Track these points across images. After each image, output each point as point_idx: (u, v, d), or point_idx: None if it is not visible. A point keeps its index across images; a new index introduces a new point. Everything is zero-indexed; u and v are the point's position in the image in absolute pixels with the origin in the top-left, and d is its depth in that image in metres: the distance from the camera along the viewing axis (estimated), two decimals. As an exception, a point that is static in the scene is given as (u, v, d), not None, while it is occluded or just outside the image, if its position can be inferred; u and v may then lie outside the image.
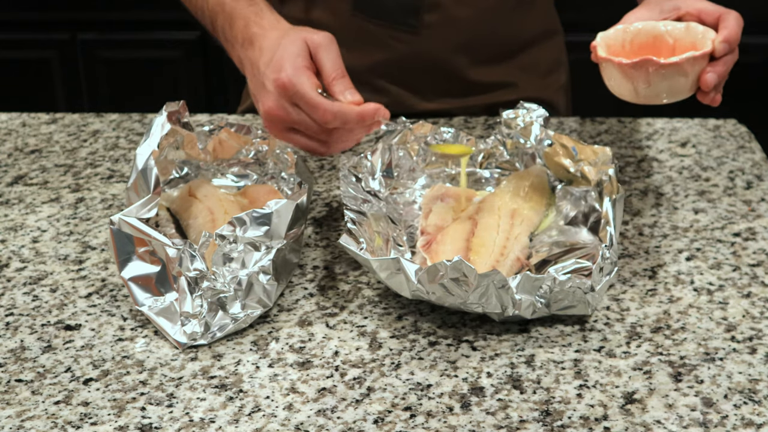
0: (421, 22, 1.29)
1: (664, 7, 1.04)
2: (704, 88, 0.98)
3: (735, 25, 0.99)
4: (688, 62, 0.96)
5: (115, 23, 2.43)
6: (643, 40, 1.02)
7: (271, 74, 1.00)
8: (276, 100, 1.00)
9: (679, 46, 1.01)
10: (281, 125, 1.02)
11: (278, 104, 1.00)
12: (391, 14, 1.29)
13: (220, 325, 0.88)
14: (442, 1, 1.28)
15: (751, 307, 0.92)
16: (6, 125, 1.34)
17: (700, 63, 0.97)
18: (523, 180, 1.07)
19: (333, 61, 1.02)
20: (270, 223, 0.90)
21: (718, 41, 0.98)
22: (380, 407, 0.80)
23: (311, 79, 0.99)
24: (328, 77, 1.01)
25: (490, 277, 0.84)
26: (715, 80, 0.97)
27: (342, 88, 1.00)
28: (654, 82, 0.96)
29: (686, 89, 0.98)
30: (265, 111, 1.01)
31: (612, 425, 0.77)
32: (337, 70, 1.01)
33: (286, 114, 1.00)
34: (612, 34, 1.02)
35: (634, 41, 1.02)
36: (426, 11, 1.29)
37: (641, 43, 1.02)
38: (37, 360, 0.87)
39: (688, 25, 1.01)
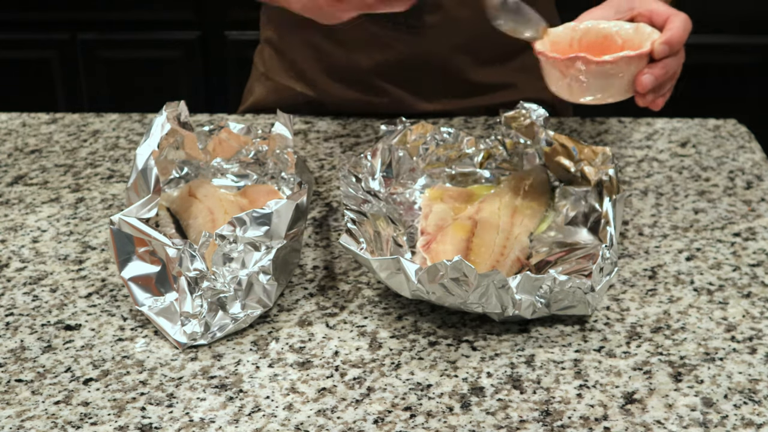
0: (422, 22, 1.29)
1: (620, 8, 1.02)
2: (639, 90, 0.96)
3: (680, 27, 0.97)
4: (623, 62, 0.94)
5: (115, 23, 2.43)
6: (592, 39, 1.00)
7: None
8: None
9: (628, 47, 0.98)
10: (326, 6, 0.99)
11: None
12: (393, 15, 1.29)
13: (220, 325, 0.88)
14: (443, 2, 1.28)
15: (751, 307, 0.92)
16: (6, 125, 1.34)
17: (636, 63, 0.95)
18: (523, 180, 1.07)
19: None
20: (270, 223, 0.90)
21: (658, 43, 0.95)
22: (380, 407, 0.80)
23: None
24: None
25: (490, 277, 0.84)
26: (651, 82, 0.95)
27: None
28: (587, 80, 0.94)
29: (622, 90, 0.96)
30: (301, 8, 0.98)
31: (612, 425, 0.77)
32: None
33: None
34: (560, 32, 1.01)
35: (583, 40, 1.01)
36: (427, 12, 1.29)
37: (590, 42, 1.00)
38: (37, 360, 0.87)
39: (638, 25, 0.99)
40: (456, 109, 1.34)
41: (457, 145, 1.11)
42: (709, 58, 2.28)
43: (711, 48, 2.28)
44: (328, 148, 1.25)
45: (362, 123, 1.31)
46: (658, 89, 0.97)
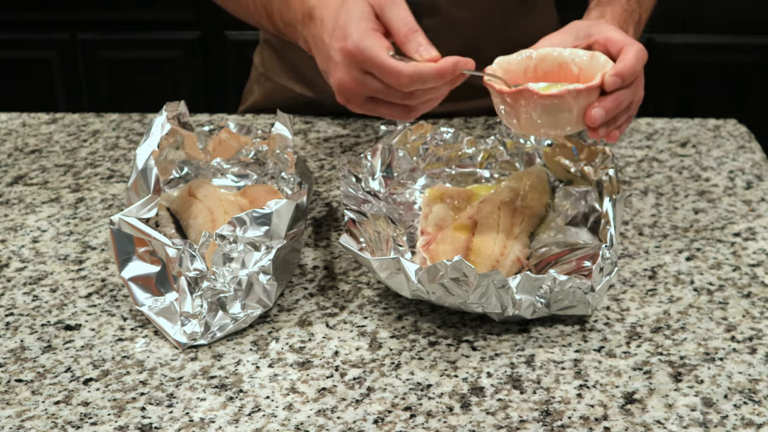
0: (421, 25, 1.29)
1: (579, 34, 0.98)
2: (590, 124, 0.91)
3: (632, 59, 0.92)
4: (570, 95, 0.90)
5: (115, 23, 2.43)
6: (548, 67, 0.96)
7: (336, 43, 0.92)
8: (346, 71, 0.91)
9: (584, 75, 0.95)
10: (356, 96, 0.93)
11: (349, 75, 0.91)
12: None
13: (220, 325, 0.88)
14: (440, 5, 1.28)
15: (751, 307, 0.92)
16: (6, 125, 1.34)
17: (585, 97, 0.90)
18: (523, 180, 1.07)
19: (402, 17, 0.93)
20: (270, 223, 0.90)
21: (609, 74, 0.91)
22: (380, 407, 0.80)
23: (380, 41, 0.90)
24: (399, 35, 0.92)
25: (490, 277, 0.84)
26: (601, 116, 0.90)
27: (416, 45, 0.91)
28: (535, 113, 0.91)
29: (572, 123, 0.92)
30: (337, 84, 0.93)
31: (612, 425, 0.77)
32: (408, 25, 0.92)
33: (359, 84, 0.92)
34: (515, 59, 0.97)
35: (538, 68, 0.97)
36: (425, 15, 1.28)
37: (546, 70, 0.96)
38: (37, 360, 0.87)
39: (593, 54, 0.95)
40: (456, 111, 1.34)
41: (457, 145, 1.11)
42: (709, 58, 2.28)
43: (711, 48, 2.28)
44: (328, 148, 1.25)
45: (362, 123, 1.31)
46: (612, 122, 0.93)
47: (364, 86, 0.92)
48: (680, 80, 2.30)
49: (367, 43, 0.90)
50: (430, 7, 1.27)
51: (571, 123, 0.92)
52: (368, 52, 0.90)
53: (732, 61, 2.29)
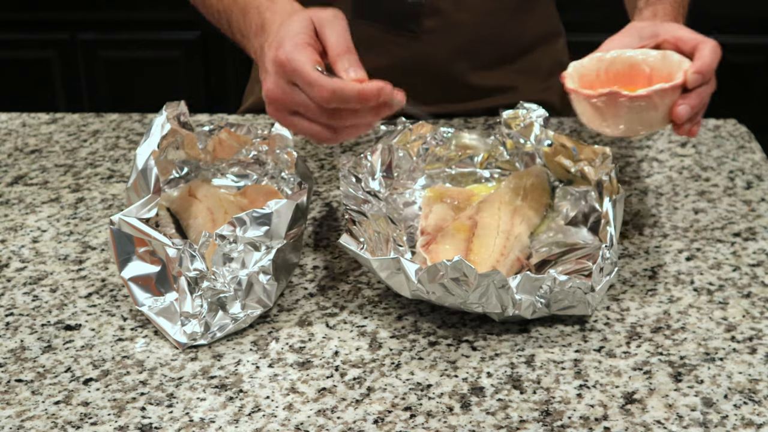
0: (422, 26, 1.29)
1: (644, 34, 1.00)
2: (677, 121, 0.94)
3: (710, 55, 0.95)
4: (657, 95, 0.92)
5: (115, 23, 2.43)
6: (619, 69, 0.98)
7: (270, 53, 0.93)
8: (274, 80, 0.92)
9: (656, 75, 0.97)
10: (282, 108, 0.94)
11: (276, 84, 0.92)
12: (392, 19, 1.29)
13: (220, 325, 0.88)
14: (442, 6, 1.28)
15: (751, 307, 0.92)
16: (6, 125, 1.34)
17: (670, 95, 0.93)
18: (523, 180, 1.07)
19: (338, 36, 0.93)
20: (270, 223, 0.90)
21: (691, 72, 0.93)
22: (380, 407, 0.80)
23: (310, 55, 0.91)
24: (332, 53, 0.93)
25: (490, 277, 0.84)
26: (687, 113, 0.93)
27: (346, 65, 0.92)
28: (623, 115, 0.93)
29: (658, 122, 0.94)
30: (264, 92, 0.94)
31: (612, 425, 0.77)
32: (341, 45, 0.93)
33: (284, 95, 0.92)
34: (586, 63, 0.99)
35: (609, 70, 0.99)
36: (426, 16, 1.29)
37: (617, 72, 0.98)
38: (37, 360, 0.87)
39: (665, 53, 0.97)
40: (456, 112, 1.34)
41: (457, 145, 1.11)
42: (709, 58, 2.28)
43: (711, 48, 2.28)
44: (328, 148, 1.25)
45: (362, 123, 1.31)
46: (694, 118, 0.96)
47: (288, 97, 0.92)
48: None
49: (296, 56, 0.90)
50: (431, 8, 1.28)
51: (657, 121, 0.94)
52: (296, 63, 0.90)
53: (732, 61, 2.29)
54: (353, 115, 0.92)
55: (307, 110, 0.92)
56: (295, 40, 0.92)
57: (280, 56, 0.91)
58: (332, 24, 0.94)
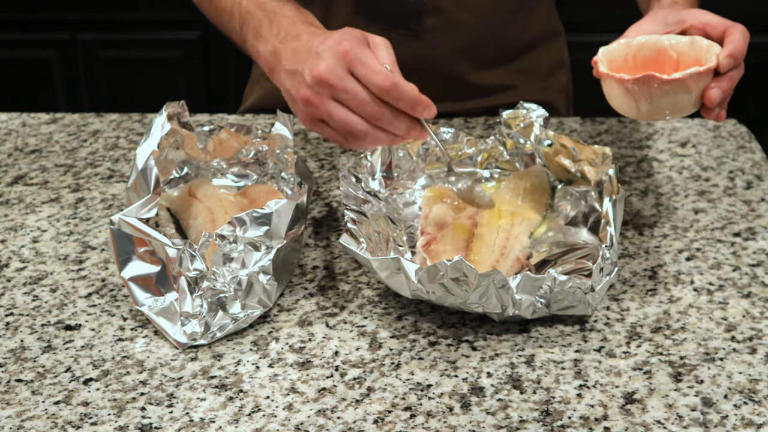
0: (423, 25, 1.29)
1: (669, 20, 1.02)
2: (709, 105, 0.95)
3: (741, 39, 0.97)
4: (692, 78, 0.93)
5: (115, 23, 2.43)
6: (646, 55, 1.00)
7: (331, 43, 0.93)
8: (331, 65, 0.92)
9: (683, 60, 0.98)
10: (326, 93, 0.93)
11: (332, 69, 0.92)
12: (393, 18, 1.29)
13: (220, 325, 0.88)
14: (443, 5, 1.28)
15: (751, 307, 0.92)
16: (6, 125, 1.34)
17: (704, 79, 0.95)
18: (523, 180, 1.07)
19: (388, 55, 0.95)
20: (270, 223, 0.90)
21: (723, 56, 0.95)
22: (380, 407, 0.80)
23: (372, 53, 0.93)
24: None
25: (490, 277, 0.84)
26: (719, 96, 0.95)
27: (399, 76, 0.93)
28: (656, 98, 0.94)
29: (689, 105, 0.96)
30: (315, 75, 0.92)
31: (612, 425, 0.77)
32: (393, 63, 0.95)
33: (337, 79, 0.92)
34: (614, 49, 1.00)
35: (637, 56, 1.00)
36: (427, 15, 1.29)
37: (644, 58, 1.00)
38: (37, 360, 0.87)
39: (693, 38, 0.99)
40: (456, 111, 1.34)
41: (457, 145, 1.11)
42: (709, 58, 2.28)
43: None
44: (328, 148, 1.25)
45: (362, 123, 1.31)
46: (723, 102, 0.97)
47: (341, 83, 0.92)
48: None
49: (361, 48, 0.92)
50: (432, 7, 1.28)
51: (689, 105, 0.96)
52: (361, 53, 0.91)
53: (732, 61, 2.29)
54: (390, 120, 0.92)
55: (355, 97, 0.92)
56: (359, 38, 0.94)
57: (344, 46, 0.92)
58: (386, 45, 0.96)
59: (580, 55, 2.10)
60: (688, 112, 0.97)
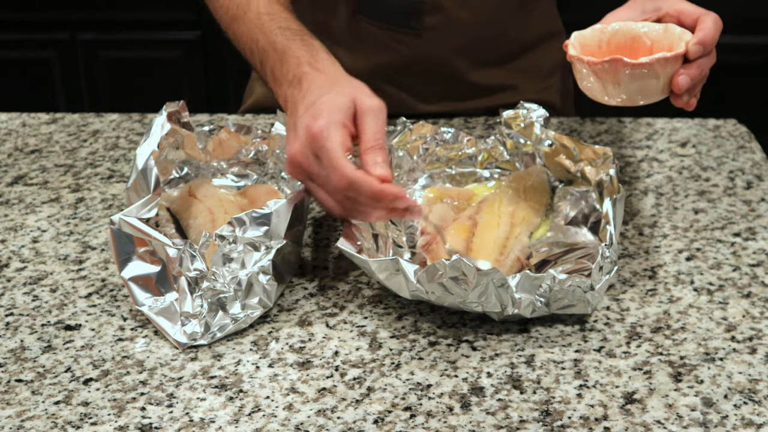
0: (423, 24, 1.29)
1: (646, 8, 1.02)
2: (676, 91, 0.95)
3: (712, 27, 0.96)
4: (659, 63, 0.93)
5: (115, 23, 2.43)
6: (621, 41, 1.00)
7: (306, 120, 0.93)
8: (302, 148, 0.93)
9: (657, 47, 0.98)
10: (302, 173, 0.95)
11: (302, 152, 0.93)
12: (393, 16, 1.29)
13: (220, 325, 0.88)
14: (443, 4, 1.28)
15: (751, 307, 0.92)
16: (6, 125, 1.34)
17: (672, 65, 0.94)
18: (523, 180, 1.07)
19: (376, 129, 0.94)
20: (270, 224, 0.90)
21: (692, 43, 0.95)
22: (380, 407, 0.80)
23: (343, 138, 0.92)
24: (365, 145, 0.93)
25: (490, 276, 0.84)
26: (687, 83, 0.94)
27: (374, 160, 0.92)
28: (624, 82, 0.94)
29: (658, 91, 0.95)
30: (290, 155, 0.95)
31: (612, 425, 0.77)
32: (377, 140, 0.93)
33: (308, 164, 0.93)
34: (588, 34, 1.00)
35: (611, 41, 1.00)
36: (427, 13, 1.29)
37: (618, 44, 1.00)
38: (37, 360, 0.87)
39: (667, 26, 0.99)
40: (456, 111, 1.34)
41: (457, 145, 1.11)
42: (710, 58, 2.28)
43: (711, 48, 2.28)
44: (328, 148, 1.25)
45: (362, 123, 1.31)
46: (692, 89, 0.97)
47: (311, 167, 0.93)
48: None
49: (330, 133, 0.91)
50: (432, 5, 1.28)
51: (657, 91, 0.95)
52: (327, 142, 0.91)
53: (732, 61, 2.29)
54: (364, 207, 0.93)
55: (325, 185, 0.93)
56: (333, 117, 0.92)
57: (314, 129, 0.92)
58: (375, 115, 0.94)
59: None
60: (657, 97, 0.96)
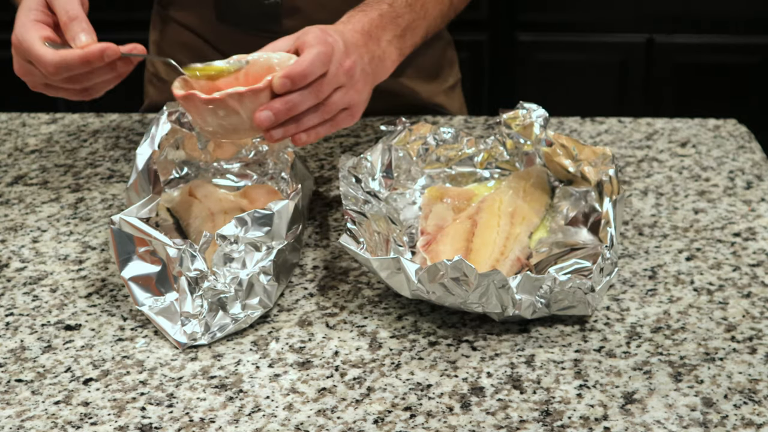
0: (282, 27, 1.27)
1: (297, 36, 0.97)
2: (257, 126, 0.90)
3: (307, 61, 0.91)
4: (233, 98, 0.89)
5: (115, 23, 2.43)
6: (258, 71, 0.95)
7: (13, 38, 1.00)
8: (16, 60, 1.00)
9: None
10: (33, 83, 1.01)
11: (19, 64, 1.00)
12: (253, 21, 1.28)
13: (220, 325, 0.89)
14: (300, 6, 1.26)
15: (751, 307, 0.92)
16: (6, 125, 1.34)
17: (251, 99, 0.90)
18: (523, 180, 1.07)
19: (65, 4, 0.99)
20: (271, 224, 0.90)
21: (278, 77, 0.90)
22: (380, 407, 0.80)
23: (37, 32, 0.97)
24: (61, 22, 0.98)
25: (491, 277, 0.84)
26: (268, 118, 0.89)
27: (74, 32, 0.97)
28: (207, 117, 0.91)
29: (246, 126, 0.91)
30: (15, 72, 1.01)
31: (612, 425, 0.77)
32: (68, 12, 0.98)
33: (28, 72, 0.99)
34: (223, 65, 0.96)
35: (249, 73, 0.96)
36: (285, 16, 1.27)
37: (255, 74, 0.95)
38: (37, 360, 0.87)
39: (290, 56, 0.95)
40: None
41: (457, 145, 1.11)
42: (709, 58, 2.28)
43: (711, 48, 2.28)
44: (328, 148, 1.25)
45: (362, 123, 1.31)
46: (291, 124, 0.92)
47: (32, 73, 0.99)
48: (680, 80, 2.30)
49: (25, 36, 0.98)
50: (289, 8, 1.26)
51: (245, 126, 0.92)
52: (25, 44, 0.97)
53: (732, 61, 2.29)
54: (89, 76, 0.99)
55: (52, 81, 0.99)
56: (25, 18, 0.99)
57: (13, 38, 0.99)
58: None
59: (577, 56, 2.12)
60: (248, 132, 0.93)
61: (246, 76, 0.96)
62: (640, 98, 2.30)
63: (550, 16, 2.25)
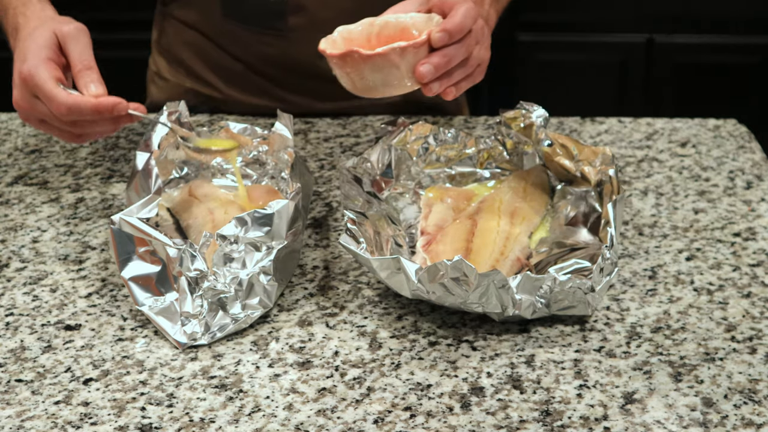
0: (287, 25, 1.28)
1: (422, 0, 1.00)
2: (419, 80, 0.93)
3: (460, 15, 0.93)
4: (395, 53, 0.91)
5: (116, 23, 2.43)
6: (390, 33, 0.97)
7: (17, 65, 1.00)
8: (20, 93, 1.00)
9: None
10: (31, 117, 1.02)
11: (22, 96, 1.00)
12: (259, 18, 1.29)
13: (220, 325, 0.88)
14: (306, 4, 1.27)
15: (751, 307, 0.92)
16: (6, 125, 1.34)
17: (412, 53, 0.92)
18: (523, 180, 1.07)
19: (80, 52, 1.01)
20: (271, 224, 0.90)
21: (435, 31, 0.92)
22: (380, 407, 0.80)
23: (52, 72, 0.99)
24: (75, 69, 1.01)
25: (491, 277, 0.84)
26: (429, 71, 0.92)
27: (87, 81, 1.00)
28: (365, 73, 0.92)
29: (403, 80, 0.93)
30: (14, 102, 1.02)
31: (612, 425, 0.77)
32: (83, 61, 1.01)
33: (30, 106, 1.01)
34: (355, 29, 0.98)
35: (381, 34, 0.98)
36: (290, 14, 1.28)
37: (388, 37, 0.97)
38: (37, 360, 0.87)
39: (430, 16, 0.97)
40: (326, 111, 1.33)
41: (457, 145, 1.11)
42: (709, 58, 2.28)
43: (711, 48, 2.28)
44: (328, 148, 1.25)
45: (362, 123, 1.31)
46: (445, 78, 0.95)
47: (34, 108, 1.01)
48: (680, 80, 2.30)
49: (38, 71, 0.98)
50: (294, 6, 1.27)
51: (402, 80, 0.93)
52: (37, 79, 0.98)
53: (732, 61, 2.29)
54: (92, 125, 1.01)
55: (52, 120, 1.01)
56: (39, 54, 1.00)
57: (23, 71, 0.99)
58: (76, 39, 1.02)
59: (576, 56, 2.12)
60: (404, 87, 0.94)
61: (378, 38, 0.98)
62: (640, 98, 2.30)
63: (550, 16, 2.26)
